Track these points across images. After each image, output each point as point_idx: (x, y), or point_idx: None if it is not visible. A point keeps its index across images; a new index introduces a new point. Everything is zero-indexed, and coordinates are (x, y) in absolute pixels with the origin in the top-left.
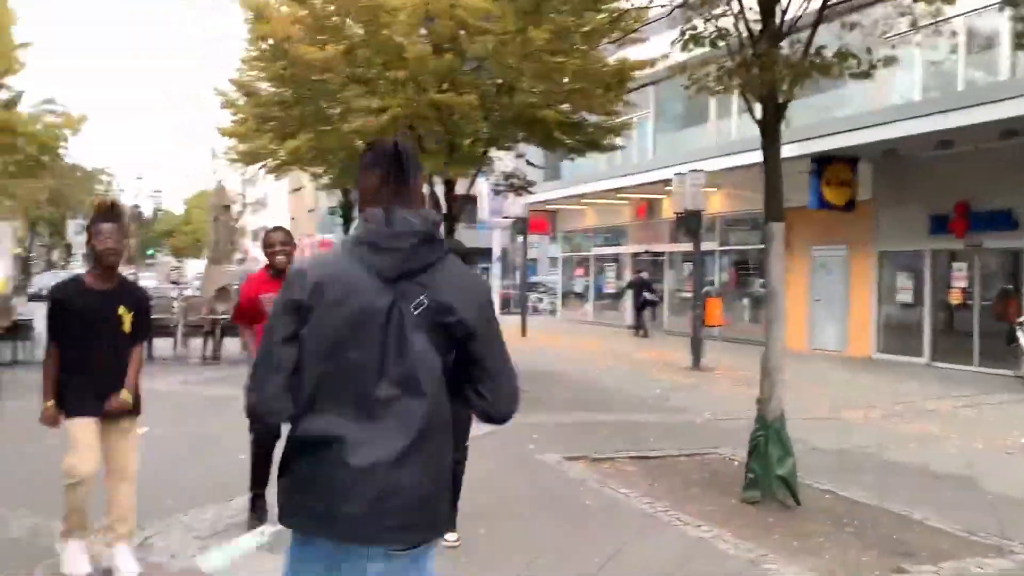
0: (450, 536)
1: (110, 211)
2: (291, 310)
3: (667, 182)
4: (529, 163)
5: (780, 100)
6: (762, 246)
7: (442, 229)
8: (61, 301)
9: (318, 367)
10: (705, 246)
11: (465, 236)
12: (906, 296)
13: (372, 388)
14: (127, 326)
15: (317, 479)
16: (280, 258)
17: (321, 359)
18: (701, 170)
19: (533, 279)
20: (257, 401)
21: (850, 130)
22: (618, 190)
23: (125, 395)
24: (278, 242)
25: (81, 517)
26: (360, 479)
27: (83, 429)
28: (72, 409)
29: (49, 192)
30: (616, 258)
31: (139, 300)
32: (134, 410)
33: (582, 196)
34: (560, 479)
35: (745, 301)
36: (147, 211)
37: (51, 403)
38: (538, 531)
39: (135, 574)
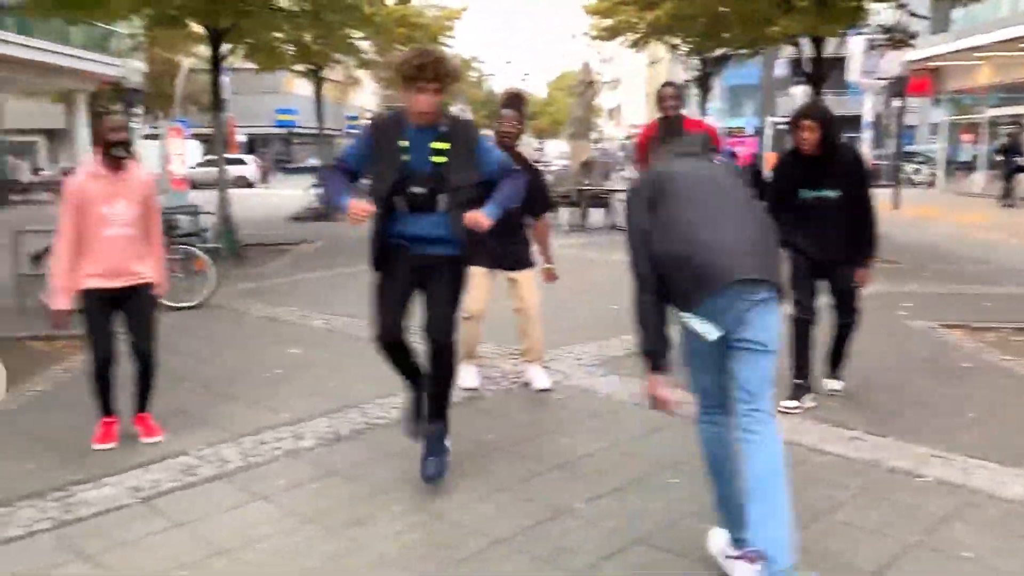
0: (835, 384)
1: (512, 99)
2: (644, 205)
3: None
4: (913, 15)
5: None
6: None
7: (807, 93)
8: None
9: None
10: None
11: (830, 104)
12: None
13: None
14: None
15: (701, 267)
16: (671, 103)
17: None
18: None
19: (909, 148)
20: (640, 276)
21: None
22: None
23: (548, 268)
24: (669, 96)
25: (469, 346)
26: (731, 250)
27: (474, 276)
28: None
29: None
30: (1016, 120)
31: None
32: (529, 264)
33: (975, 49)
34: (934, 344)
35: None
36: None
37: None
38: (908, 385)
39: (547, 385)
